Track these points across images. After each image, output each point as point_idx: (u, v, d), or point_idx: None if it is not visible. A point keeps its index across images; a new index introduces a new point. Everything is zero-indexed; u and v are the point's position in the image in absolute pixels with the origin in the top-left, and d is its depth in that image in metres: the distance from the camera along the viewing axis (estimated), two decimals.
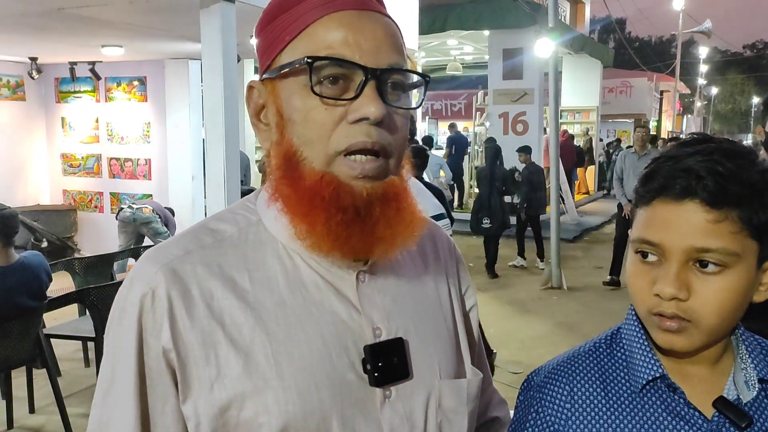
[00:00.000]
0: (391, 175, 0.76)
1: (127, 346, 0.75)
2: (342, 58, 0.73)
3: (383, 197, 0.74)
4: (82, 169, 7.97)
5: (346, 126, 0.73)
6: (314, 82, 0.73)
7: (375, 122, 0.72)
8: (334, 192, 0.73)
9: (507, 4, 11.00)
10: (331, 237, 0.73)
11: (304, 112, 0.74)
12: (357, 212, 0.73)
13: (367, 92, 0.72)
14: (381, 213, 0.74)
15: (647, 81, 21.05)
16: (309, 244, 0.76)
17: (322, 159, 0.74)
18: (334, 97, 0.73)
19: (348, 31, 0.73)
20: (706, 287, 0.74)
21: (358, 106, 0.72)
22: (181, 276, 0.75)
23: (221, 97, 4.22)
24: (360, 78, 0.73)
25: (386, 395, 0.78)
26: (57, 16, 4.68)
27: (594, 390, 0.84)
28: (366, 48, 0.73)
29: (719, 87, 49.94)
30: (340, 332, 0.77)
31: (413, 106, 0.79)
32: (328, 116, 0.73)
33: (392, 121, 0.75)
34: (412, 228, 0.78)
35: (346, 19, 0.74)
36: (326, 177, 0.73)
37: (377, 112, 0.72)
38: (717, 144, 0.76)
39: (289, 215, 0.76)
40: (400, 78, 0.76)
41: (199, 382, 0.73)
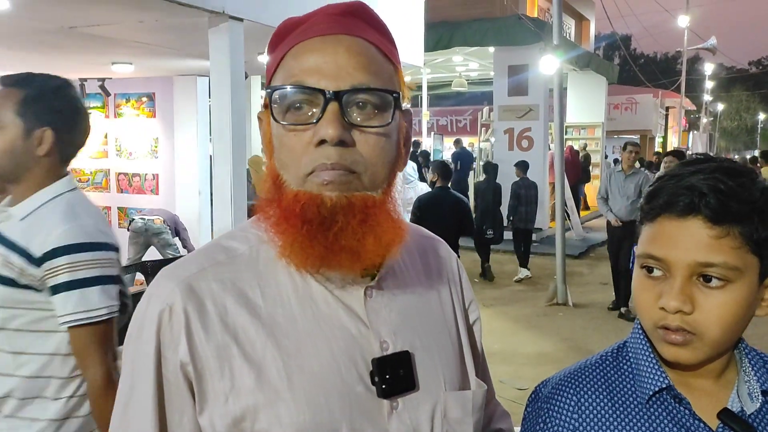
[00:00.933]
0: (366, 191, 0.77)
1: (145, 360, 0.78)
2: (300, 84, 0.76)
3: (348, 208, 0.76)
4: (91, 183, 8.03)
5: (311, 149, 0.76)
6: (277, 112, 0.77)
7: (333, 143, 0.74)
8: (303, 206, 0.76)
9: (512, 21, 11.09)
10: (296, 248, 0.76)
11: (278, 138, 0.79)
12: (321, 223, 0.75)
13: (327, 114, 0.75)
14: (344, 222, 0.76)
15: (653, 97, 21.11)
16: (288, 261, 0.78)
17: (296, 181, 0.77)
18: (298, 123, 0.77)
19: (310, 57, 0.77)
20: (709, 301, 0.76)
21: (318, 128, 0.75)
22: (196, 292, 0.78)
23: (229, 114, 4.27)
24: (321, 101, 0.75)
25: (393, 406, 0.80)
26: (68, 34, 4.76)
27: (601, 401, 0.86)
28: (327, 71, 0.76)
29: (725, 103, 49.92)
30: (349, 346, 0.80)
31: (382, 124, 0.77)
32: (298, 141, 0.77)
33: (361, 140, 0.76)
34: (382, 243, 0.78)
35: (309, 46, 0.78)
36: (299, 194, 0.77)
37: (333, 134, 0.74)
38: (718, 163, 0.79)
39: (274, 233, 0.79)
40: (368, 96, 0.77)
41: (215, 394, 0.76)
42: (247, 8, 4.26)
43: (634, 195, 6.38)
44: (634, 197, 6.37)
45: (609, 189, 6.61)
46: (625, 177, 6.52)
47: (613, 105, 19.40)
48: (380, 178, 0.79)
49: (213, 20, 4.16)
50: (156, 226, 6.43)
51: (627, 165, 6.59)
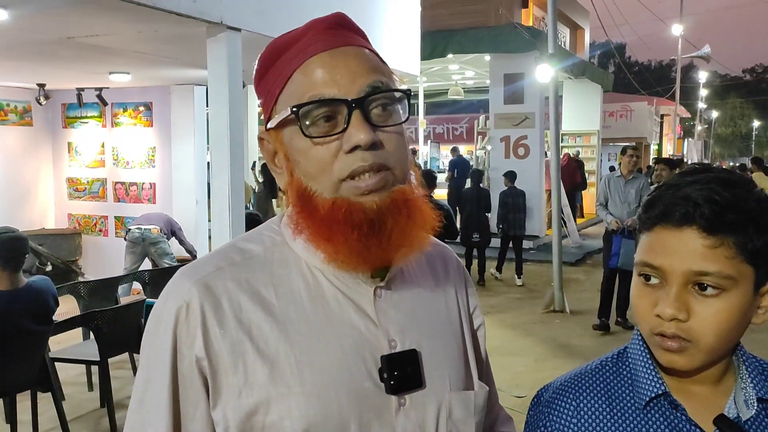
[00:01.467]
0: (399, 184, 0.82)
1: (162, 355, 0.81)
2: (322, 97, 0.79)
3: (393, 206, 0.80)
4: (88, 193, 8.03)
5: (343, 156, 0.79)
6: (305, 127, 0.80)
7: (367, 147, 0.78)
8: (346, 212, 0.79)
9: (507, 29, 11.16)
10: (354, 254, 0.80)
11: (303, 152, 0.82)
12: (371, 225, 0.79)
13: (354, 122, 0.79)
14: (394, 222, 0.80)
15: (647, 105, 21.22)
16: (337, 266, 0.82)
17: (330, 188, 0.80)
18: (325, 135, 0.80)
19: (323, 71, 0.81)
20: (705, 309, 0.78)
21: (349, 136, 0.79)
22: (213, 290, 0.82)
23: (227, 123, 4.28)
24: (345, 110, 0.79)
25: (401, 403, 0.83)
26: (66, 44, 4.77)
27: (600, 406, 0.87)
28: (343, 82, 0.80)
29: (719, 111, 50.17)
30: (358, 343, 0.83)
31: (401, 121, 0.84)
32: (326, 151, 0.80)
33: (385, 139, 0.81)
34: (425, 230, 0.84)
35: (320, 61, 0.81)
36: (337, 201, 0.80)
37: (366, 138, 0.78)
38: (715, 174, 0.81)
39: (314, 243, 0.82)
40: (384, 97, 0.82)
41: (228, 388, 0.79)
42: (244, 19, 4.29)
43: (635, 201, 6.21)
44: (635, 203, 6.19)
45: (609, 195, 6.42)
46: (625, 182, 6.34)
47: (608, 113, 19.48)
48: (406, 172, 0.84)
49: (211, 30, 4.18)
50: (153, 235, 6.43)
51: (627, 170, 6.41)
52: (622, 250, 5.97)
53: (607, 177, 6.63)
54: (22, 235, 3.51)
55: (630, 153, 6.45)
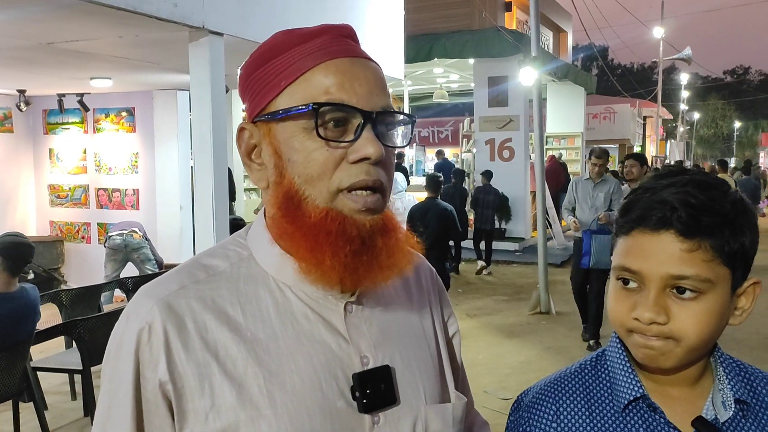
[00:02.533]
0: (386, 209, 0.82)
1: (124, 379, 0.78)
2: (342, 102, 0.78)
3: (383, 228, 0.80)
4: (70, 200, 7.95)
5: (347, 165, 0.78)
6: (320, 127, 0.78)
7: (374, 162, 0.78)
8: (340, 226, 0.77)
9: (491, 33, 11.21)
10: (341, 268, 0.78)
11: (305, 153, 0.78)
12: (363, 242, 0.78)
13: (366, 134, 0.78)
14: (383, 243, 0.80)
15: (630, 107, 21.40)
16: (315, 278, 0.79)
17: (325, 196, 0.78)
18: (335, 139, 0.78)
19: (344, 77, 0.79)
20: (683, 312, 0.78)
21: (359, 147, 0.78)
22: (176, 310, 0.78)
23: (210, 128, 4.26)
24: (358, 121, 0.78)
25: (375, 421, 0.80)
26: (46, 49, 4.73)
27: (579, 409, 0.87)
28: (361, 93, 0.79)
29: (701, 112, 50.73)
30: (330, 361, 0.80)
31: (403, 144, 0.84)
32: (330, 156, 0.78)
33: (386, 158, 0.81)
34: (408, 257, 0.83)
35: (342, 66, 0.80)
36: (331, 213, 0.78)
37: (377, 153, 0.77)
38: (691, 176, 0.81)
39: (294, 251, 0.80)
40: (390, 119, 0.82)
41: (195, 413, 0.76)
42: (227, 23, 4.27)
43: (604, 205, 5.72)
44: (604, 208, 5.71)
45: (576, 199, 5.94)
46: (594, 186, 5.85)
47: (591, 115, 19.63)
48: (389, 194, 0.84)
49: (193, 35, 4.16)
50: (135, 241, 6.33)
51: (595, 174, 5.89)
52: (593, 248, 5.56)
53: (574, 180, 6.16)
54: (31, 243, 3.62)
55: (594, 161, 5.88)
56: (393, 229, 0.82)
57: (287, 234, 0.80)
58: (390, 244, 0.80)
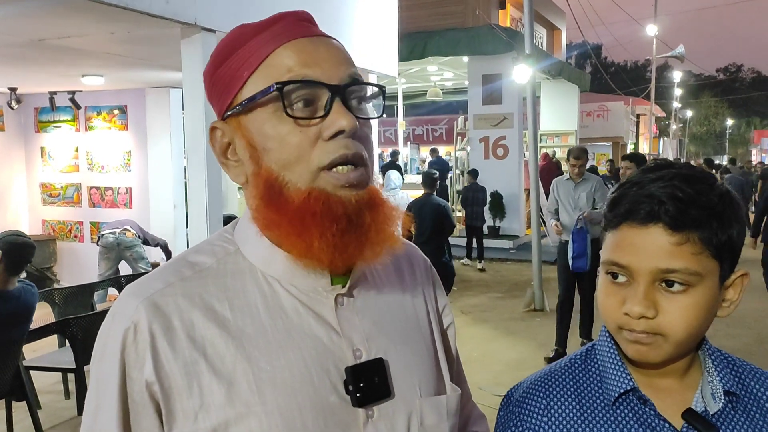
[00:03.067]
0: (371, 183, 0.80)
1: (110, 380, 0.76)
2: (306, 78, 0.77)
3: (370, 203, 0.78)
4: (62, 198, 7.91)
5: (322, 143, 0.76)
6: (287, 107, 0.76)
7: (350, 134, 0.77)
8: (324, 205, 0.75)
9: (484, 31, 11.22)
10: (330, 249, 0.76)
11: (278, 138, 0.77)
12: (350, 220, 0.76)
13: (336, 108, 0.76)
14: (372, 218, 0.78)
15: (624, 105, 21.47)
16: (307, 262, 0.78)
17: (306, 177, 0.76)
18: (306, 117, 0.77)
19: (306, 54, 0.78)
20: (672, 305, 0.78)
21: (331, 121, 0.76)
22: (162, 309, 0.77)
23: (203, 126, 4.24)
24: (326, 96, 0.77)
25: (369, 415, 0.79)
26: (37, 46, 4.70)
27: (570, 404, 0.87)
28: (325, 67, 0.78)
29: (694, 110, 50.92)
30: (321, 355, 0.79)
31: (376, 116, 0.83)
32: (304, 137, 0.76)
33: (361, 131, 0.80)
34: (395, 231, 0.82)
35: (302, 45, 0.79)
36: (314, 193, 0.76)
37: (350, 124, 0.76)
38: (677, 170, 0.81)
39: (282, 240, 0.79)
40: (360, 91, 0.81)
41: (184, 413, 0.74)
42: (219, 20, 4.25)
43: (587, 205, 5.41)
44: (588, 207, 5.40)
45: (558, 201, 5.61)
46: (575, 186, 5.53)
47: (585, 113, 19.68)
48: (372, 172, 0.82)
49: (185, 32, 4.14)
50: (128, 239, 6.30)
51: (575, 174, 5.54)
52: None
53: (556, 182, 5.78)
54: (33, 243, 3.66)
55: (572, 162, 5.54)
56: (380, 204, 0.80)
57: (273, 223, 0.78)
58: (379, 219, 0.79)
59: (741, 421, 0.83)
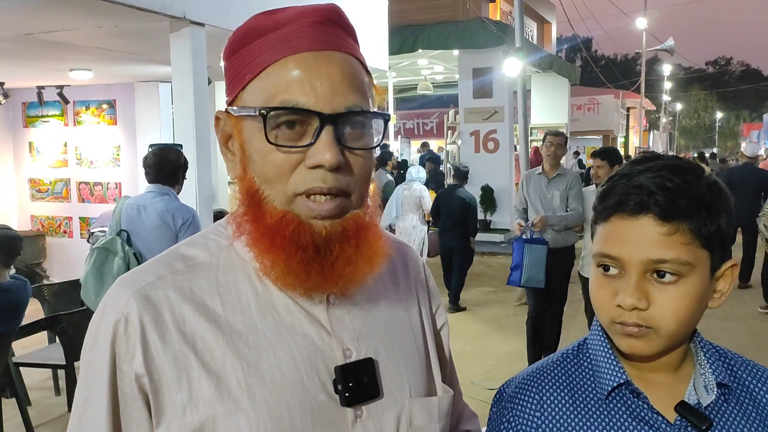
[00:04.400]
0: (353, 210, 0.78)
1: (100, 372, 0.76)
2: (296, 106, 0.74)
3: (342, 235, 0.76)
4: (51, 194, 7.85)
5: (303, 170, 0.75)
6: (269, 131, 0.74)
7: (330, 169, 0.74)
8: (294, 231, 0.75)
9: (475, 24, 11.20)
10: (292, 275, 0.76)
11: (262, 153, 0.76)
12: (317, 250, 0.75)
13: (323, 138, 0.74)
14: (340, 250, 0.76)
15: (614, 98, 21.54)
16: (273, 278, 0.78)
17: (282, 199, 0.76)
18: (290, 144, 0.75)
19: (304, 75, 0.74)
20: (663, 296, 0.78)
21: (314, 152, 0.74)
22: (153, 302, 0.77)
23: (192, 120, 4.22)
24: (316, 123, 0.74)
25: (357, 414, 0.79)
26: (24, 40, 4.65)
27: (562, 398, 0.87)
28: (322, 93, 0.74)
29: (683, 103, 51.19)
30: (311, 354, 0.79)
31: (373, 145, 0.79)
32: (286, 160, 0.75)
33: (352, 161, 0.77)
34: (373, 262, 0.80)
35: (303, 62, 0.75)
36: (287, 216, 0.75)
37: (332, 160, 0.73)
38: (665, 161, 0.82)
39: (253, 249, 0.78)
40: (360, 119, 0.77)
41: (172, 406, 0.74)
42: (208, 13, 4.22)
43: (561, 207, 4.58)
44: (561, 209, 4.57)
45: (527, 198, 4.77)
46: (548, 182, 4.61)
47: (575, 106, 19.72)
48: (365, 195, 0.80)
49: (174, 25, 4.11)
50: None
51: (549, 164, 4.65)
52: (526, 260, 4.49)
53: (525, 175, 4.89)
54: (20, 236, 3.68)
55: (549, 140, 4.61)
56: (355, 235, 0.77)
57: (248, 233, 0.78)
58: (348, 252, 0.77)
59: (734, 413, 0.83)
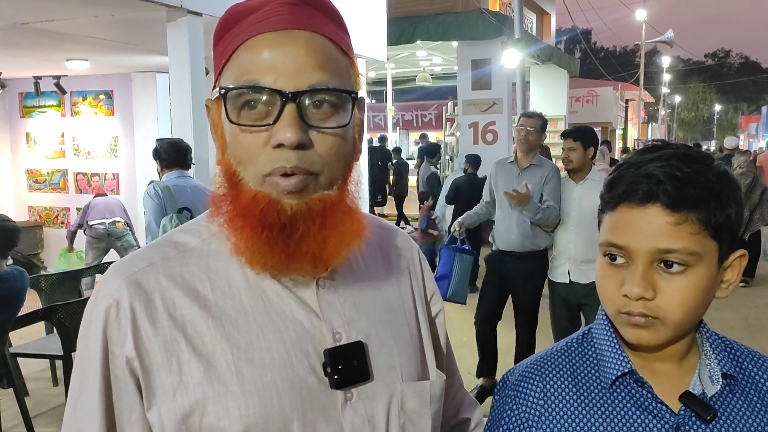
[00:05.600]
0: (323, 191, 0.77)
1: (93, 356, 0.78)
2: (256, 84, 0.74)
3: (308, 213, 0.76)
4: (48, 184, 7.83)
5: (269, 150, 0.74)
6: (231, 111, 0.75)
7: (292, 147, 0.73)
8: (263, 209, 0.75)
9: (474, 15, 11.15)
10: (258, 252, 0.76)
11: (233, 135, 0.77)
12: (282, 229, 0.75)
13: (284, 117, 0.73)
14: (305, 229, 0.76)
15: (613, 90, 21.51)
16: (246, 259, 0.77)
17: (255, 179, 0.76)
18: (254, 123, 0.75)
19: (267, 54, 0.74)
20: (671, 286, 0.77)
21: (275, 131, 0.73)
22: (144, 287, 0.78)
23: (189, 111, 4.20)
24: (278, 102, 0.74)
25: (347, 397, 0.79)
26: (20, 30, 4.62)
27: (566, 387, 0.87)
28: (284, 70, 0.74)
29: (682, 95, 51.22)
30: (301, 338, 0.79)
31: (340, 125, 0.77)
32: (254, 140, 0.75)
33: (319, 141, 0.75)
34: (342, 243, 0.78)
35: (266, 42, 0.75)
36: (258, 195, 0.76)
37: (292, 138, 0.72)
38: (674, 150, 0.80)
39: (228, 230, 0.78)
40: (326, 97, 0.76)
41: (163, 389, 0.76)
42: (205, 3, 4.19)
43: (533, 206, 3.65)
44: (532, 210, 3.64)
45: (495, 191, 3.97)
46: (519, 173, 3.79)
47: (574, 98, 19.69)
48: (337, 176, 0.79)
49: (171, 15, 4.08)
50: (119, 230, 6.28)
51: (522, 151, 3.84)
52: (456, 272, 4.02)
53: (496, 164, 4.06)
54: (18, 226, 3.67)
55: (522, 122, 3.80)
56: (321, 215, 0.76)
57: (224, 212, 0.78)
58: (313, 230, 0.76)
59: (739, 404, 0.82)
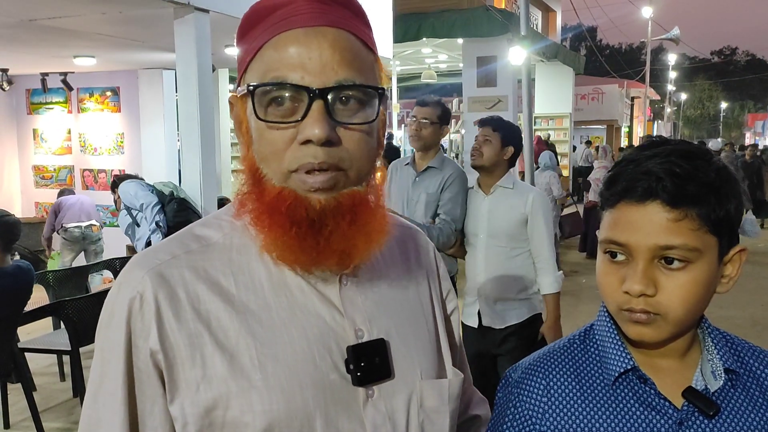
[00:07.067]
0: (352, 187, 0.78)
1: (116, 348, 0.77)
2: (284, 81, 0.74)
3: (337, 209, 0.76)
4: (55, 181, 7.86)
5: (296, 146, 0.75)
6: (258, 108, 0.76)
7: (320, 143, 0.74)
8: (290, 206, 0.75)
9: (480, 12, 11.12)
10: (288, 250, 0.77)
11: (259, 131, 0.77)
12: (311, 225, 0.75)
13: (312, 113, 0.74)
14: (334, 225, 0.76)
15: (618, 87, 21.40)
16: (276, 256, 0.79)
17: (279, 176, 0.76)
18: (281, 120, 0.75)
19: (294, 51, 0.75)
20: (671, 282, 0.78)
21: (303, 128, 0.74)
22: (168, 280, 0.77)
23: (196, 108, 4.21)
24: (306, 98, 0.74)
25: (369, 394, 0.80)
26: (28, 27, 4.64)
27: (569, 384, 0.87)
28: (311, 67, 0.74)
29: (688, 93, 50.92)
30: (324, 334, 0.79)
31: (370, 119, 0.77)
32: (280, 137, 0.75)
33: (346, 137, 0.76)
34: (371, 239, 0.79)
35: (293, 38, 0.75)
36: (284, 192, 0.76)
37: (320, 134, 0.73)
38: (674, 146, 0.81)
39: (256, 227, 0.79)
40: (353, 93, 0.76)
41: (186, 383, 0.75)
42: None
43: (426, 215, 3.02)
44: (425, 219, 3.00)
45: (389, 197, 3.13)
46: (415, 179, 3.11)
47: (580, 95, 19.62)
48: (365, 172, 0.79)
49: (178, 11, 4.09)
50: (94, 234, 6.35)
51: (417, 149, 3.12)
52: None
53: (391, 166, 3.37)
54: (18, 220, 3.73)
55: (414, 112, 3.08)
56: (351, 211, 0.77)
57: (251, 211, 0.79)
58: (342, 227, 0.76)
59: (741, 399, 0.83)
